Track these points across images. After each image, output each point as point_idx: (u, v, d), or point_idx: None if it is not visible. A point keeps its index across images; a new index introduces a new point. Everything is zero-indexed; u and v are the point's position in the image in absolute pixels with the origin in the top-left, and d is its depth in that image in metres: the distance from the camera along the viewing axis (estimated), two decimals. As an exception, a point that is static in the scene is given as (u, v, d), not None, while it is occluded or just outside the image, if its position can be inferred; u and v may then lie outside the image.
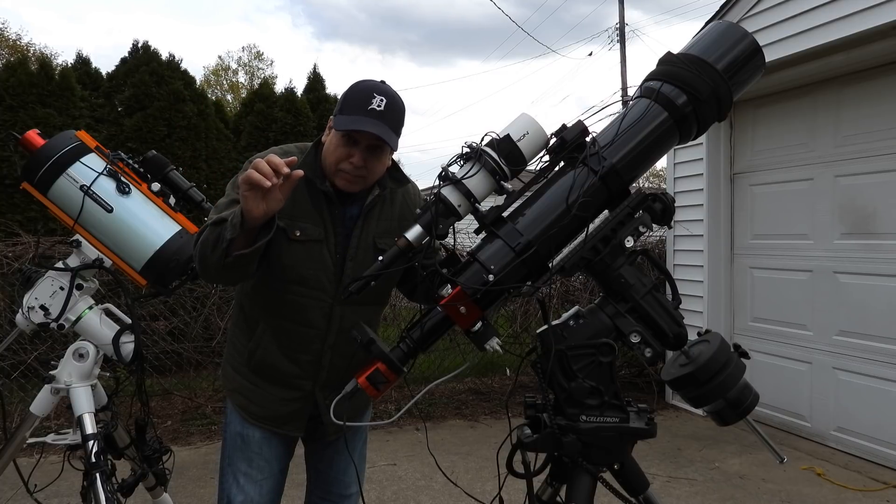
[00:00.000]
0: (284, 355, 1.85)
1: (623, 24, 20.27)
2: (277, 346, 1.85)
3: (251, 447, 1.92)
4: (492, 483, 2.91)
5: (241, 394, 1.93)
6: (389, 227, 1.88)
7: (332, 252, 1.80)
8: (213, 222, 1.65)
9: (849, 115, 4.48)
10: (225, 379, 2.01)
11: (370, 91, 1.72)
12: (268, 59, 38.54)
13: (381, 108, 1.70)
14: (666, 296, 1.50)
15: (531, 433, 1.48)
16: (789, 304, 4.89)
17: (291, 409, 1.90)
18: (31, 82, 6.64)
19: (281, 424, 1.92)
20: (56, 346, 4.51)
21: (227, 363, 2.02)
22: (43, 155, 2.22)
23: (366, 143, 1.72)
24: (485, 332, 1.45)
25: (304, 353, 1.85)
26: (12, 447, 2.38)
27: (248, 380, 1.91)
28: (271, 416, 1.91)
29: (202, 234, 1.73)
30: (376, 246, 1.84)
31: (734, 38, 1.54)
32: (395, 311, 5.75)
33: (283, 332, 1.85)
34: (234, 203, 1.75)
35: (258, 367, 1.89)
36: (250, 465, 1.91)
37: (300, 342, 1.84)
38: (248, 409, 1.92)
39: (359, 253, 1.83)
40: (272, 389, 1.89)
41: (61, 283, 2.30)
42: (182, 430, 4.94)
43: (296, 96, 8.10)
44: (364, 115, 1.69)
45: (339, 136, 1.73)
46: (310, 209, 1.78)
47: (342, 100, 1.77)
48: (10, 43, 21.97)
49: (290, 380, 1.88)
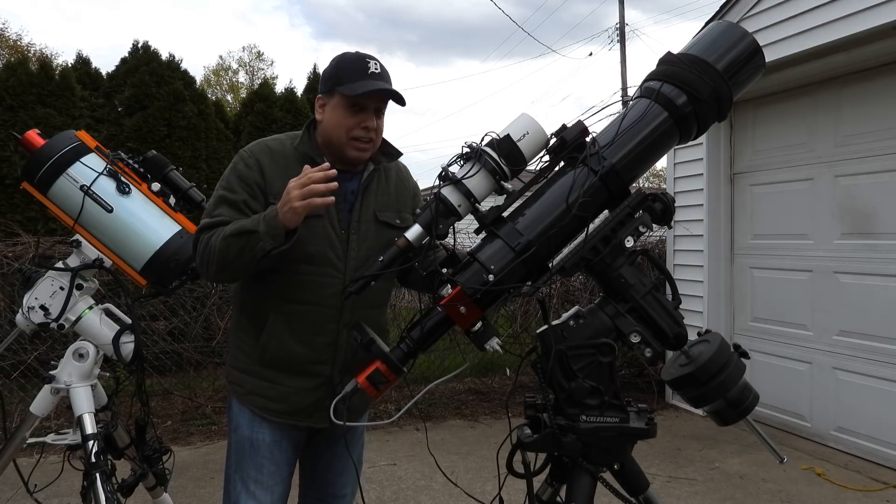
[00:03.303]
0: (299, 341, 1.82)
1: (623, 24, 20.27)
2: (291, 332, 1.82)
3: (261, 452, 1.87)
4: (492, 483, 2.91)
5: (258, 394, 1.87)
6: (388, 200, 1.92)
7: (335, 227, 1.81)
8: (232, 233, 1.66)
9: (849, 115, 4.48)
10: (235, 385, 1.94)
11: (362, 58, 1.79)
12: (268, 59, 38.58)
13: (379, 70, 1.77)
14: (666, 296, 1.51)
15: (531, 433, 1.48)
16: (789, 304, 4.88)
17: (313, 398, 1.85)
18: (31, 82, 6.64)
19: (305, 417, 1.87)
20: (56, 346, 4.50)
21: (233, 368, 1.96)
22: (43, 155, 2.22)
23: (374, 105, 1.77)
24: (485, 332, 1.45)
25: (320, 335, 1.83)
26: (12, 447, 2.38)
27: (263, 378, 1.87)
28: (294, 410, 1.86)
29: (201, 239, 1.74)
30: (377, 219, 1.87)
31: (734, 38, 1.54)
32: (395, 311, 5.75)
33: (297, 317, 1.82)
34: (228, 204, 1.77)
35: (273, 361, 1.84)
36: (260, 472, 1.87)
37: (315, 323, 1.82)
38: (268, 409, 1.86)
39: (361, 226, 1.84)
40: (291, 381, 1.85)
41: (61, 283, 2.30)
42: (182, 430, 4.93)
43: (296, 96, 8.11)
44: (368, 78, 1.75)
45: (344, 107, 1.76)
46: None
47: (336, 72, 1.79)
48: (10, 43, 21.98)
49: (309, 367, 1.84)
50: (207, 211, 1.82)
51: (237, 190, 1.78)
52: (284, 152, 1.85)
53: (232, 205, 1.77)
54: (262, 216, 1.65)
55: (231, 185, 1.80)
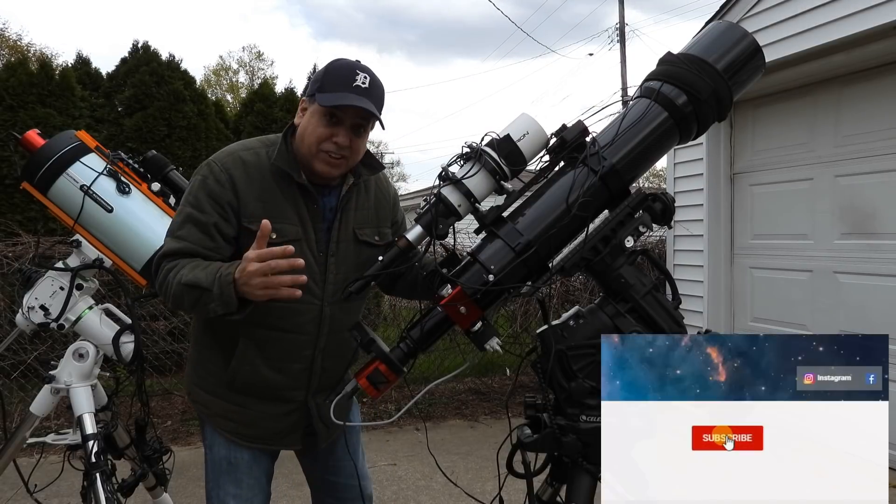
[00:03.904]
0: (273, 368, 1.73)
1: (623, 24, 20.26)
2: (263, 359, 1.72)
3: (240, 469, 1.80)
4: (492, 483, 2.90)
5: (227, 418, 1.79)
6: (367, 216, 1.81)
7: (313, 250, 1.70)
8: (187, 283, 1.52)
9: (849, 115, 4.48)
10: (199, 405, 1.84)
11: (352, 68, 1.63)
12: (268, 58, 38.56)
13: (366, 85, 1.62)
14: (666, 296, 1.51)
15: (531, 433, 1.48)
16: (789, 304, 4.88)
17: (287, 423, 1.80)
18: (31, 82, 6.63)
19: (278, 441, 1.83)
20: (56, 346, 4.50)
21: (195, 387, 1.85)
22: (43, 155, 2.22)
23: (350, 121, 1.63)
24: (485, 332, 1.45)
25: (295, 362, 1.74)
26: (12, 447, 2.39)
27: (231, 402, 1.77)
28: (266, 435, 1.80)
29: (162, 267, 1.62)
30: (357, 237, 1.77)
31: (734, 38, 1.54)
32: (395, 311, 5.74)
33: (270, 343, 1.71)
34: (196, 224, 1.62)
35: (244, 387, 1.75)
36: (240, 487, 1.80)
37: (290, 350, 1.73)
38: (237, 433, 1.79)
39: (340, 247, 1.74)
40: (262, 407, 1.76)
41: (61, 283, 2.30)
42: (182, 430, 4.93)
43: (296, 96, 8.09)
44: (349, 91, 1.60)
45: (319, 116, 1.63)
46: (284, 206, 1.67)
47: (322, 77, 1.65)
48: (10, 43, 21.97)
49: (282, 392, 1.76)
50: (172, 229, 1.67)
51: (206, 210, 1.63)
52: (259, 165, 1.68)
53: (200, 226, 1.62)
54: (218, 276, 1.48)
55: (200, 204, 1.63)
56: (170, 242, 1.65)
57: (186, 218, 1.64)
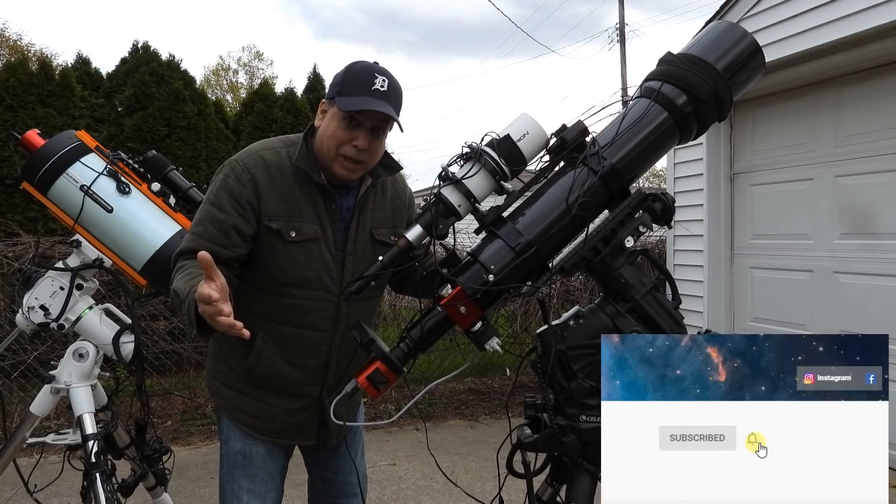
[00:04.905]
0: (289, 363, 1.77)
1: (623, 24, 20.26)
2: (281, 354, 1.76)
3: (254, 463, 1.85)
4: (492, 483, 2.90)
5: (244, 411, 1.84)
6: (384, 216, 1.84)
7: (331, 249, 1.74)
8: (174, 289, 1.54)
9: (849, 115, 4.48)
10: (220, 399, 1.89)
11: (371, 71, 1.67)
12: (268, 59, 38.57)
13: (384, 88, 1.66)
14: (666, 296, 1.51)
15: (531, 433, 1.47)
16: (789, 304, 4.88)
17: (301, 418, 1.83)
18: (31, 82, 6.63)
19: (291, 436, 1.87)
20: (56, 346, 4.50)
21: (215, 380, 1.90)
22: (43, 155, 2.22)
23: (370, 124, 1.67)
24: (485, 332, 1.45)
25: (311, 358, 1.78)
26: (12, 447, 2.39)
27: (249, 396, 1.82)
28: (280, 430, 1.84)
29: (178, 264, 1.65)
30: (374, 237, 1.80)
31: (734, 38, 1.54)
32: (395, 311, 5.74)
33: (287, 339, 1.76)
34: (214, 223, 1.65)
35: (261, 381, 1.79)
36: (253, 481, 1.84)
37: (307, 347, 1.77)
38: (254, 426, 1.83)
39: (357, 246, 1.78)
40: (278, 401, 1.81)
41: (61, 283, 2.30)
42: (182, 430, 4.94)
43: (296, 96, 8.09)
44: (369, 94, 1.64)
45: (339, 119, 1.66)
46: (303, 206, 1.71)
47: (341, 80, 1.68)
48: (10, 43, 21.97)
49: (297, 388, 1.80)
50: (193, 223, 1.72)
51: (226, 208, 1.66)
52: (280, 165, 1.72)
53: (217, 224, 1.66)
54: (189, 291, 1.49)
55: (220, 202, 1.67)
56: (187, 240, 1.69)
57: (205, 215, 1.68)
